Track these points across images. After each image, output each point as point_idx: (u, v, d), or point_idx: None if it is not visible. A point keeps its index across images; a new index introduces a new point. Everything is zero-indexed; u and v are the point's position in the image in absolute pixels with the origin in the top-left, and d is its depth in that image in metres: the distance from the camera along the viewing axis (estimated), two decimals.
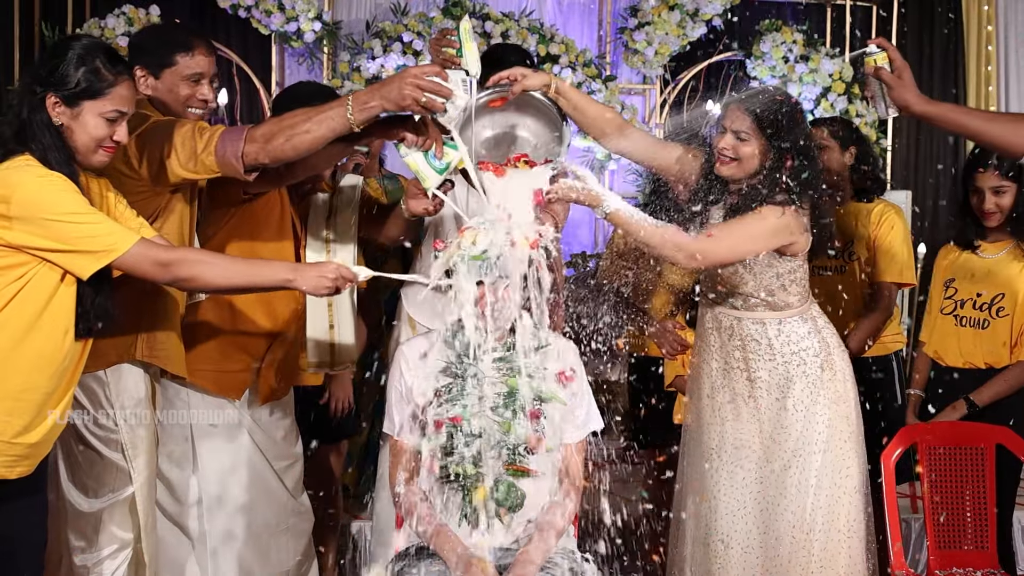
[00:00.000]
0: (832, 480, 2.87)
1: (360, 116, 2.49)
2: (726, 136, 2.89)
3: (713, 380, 3.03)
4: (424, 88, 2.47)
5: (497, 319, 2.45)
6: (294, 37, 6.17)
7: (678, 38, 6.34)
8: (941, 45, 6.88)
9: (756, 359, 2.95)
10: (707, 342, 3.06)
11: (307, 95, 2.98)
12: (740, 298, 2.97)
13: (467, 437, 2.43)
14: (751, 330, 2.97)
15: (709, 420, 3.02)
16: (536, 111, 2.83)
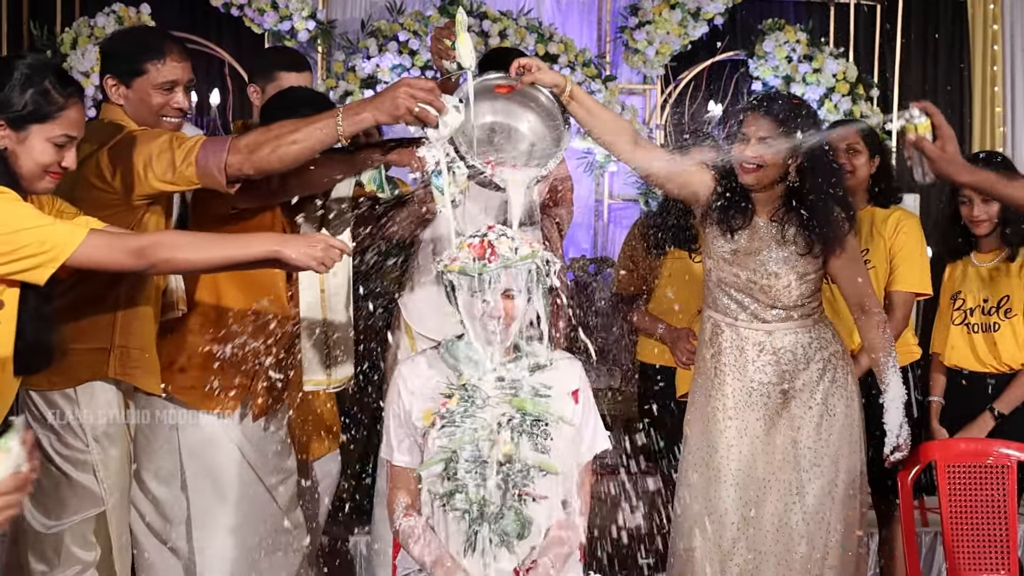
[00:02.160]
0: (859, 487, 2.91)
1: (350, 128, 2.41)
2: (750, 144, 2.82)
3: (735, 401, 2.93)
4: (418, 98, 2.36)
5: (501, 335, 2.33)
6: (287, 36, 6.05)
7: (679, 37, 6.24)
8: (946, 45, 6.77)
9: (791, 370, 2.90)
10: (725, 362, 2.96)
11: (298, 101, 2.86)
12: (777, 311, 2.91)
13: (469, 462, 2.30)
14: (785, 342, 2.92)
15: (731, 443, 2.92)
16: (541, 109, 2.72)
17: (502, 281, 2.32)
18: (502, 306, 2.33)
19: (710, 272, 2.99)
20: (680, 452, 3.66)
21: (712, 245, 2.97)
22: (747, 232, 2.93)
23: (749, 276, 2.91)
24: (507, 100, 2.69)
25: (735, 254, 2.94)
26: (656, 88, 6.49)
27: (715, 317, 3.00)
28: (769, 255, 2.90)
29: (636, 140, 2.86)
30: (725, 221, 2.92)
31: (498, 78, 2.63)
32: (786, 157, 2.82)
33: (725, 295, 2.97)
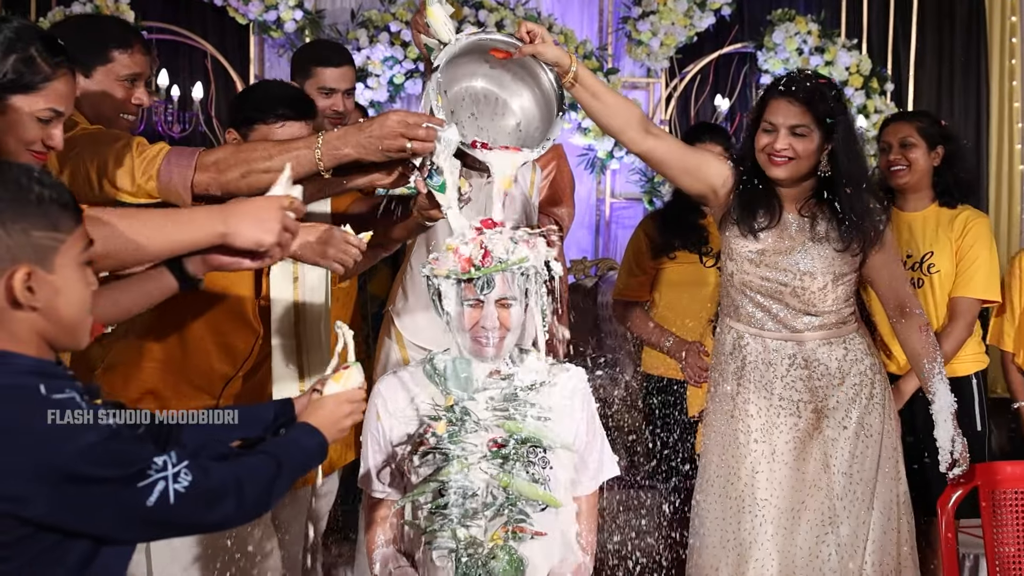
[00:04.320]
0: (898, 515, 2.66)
1: (330, 162, 2.12)
2: (780, 134, 2.55)
3: (761, 422, 2.65)
4: (410, 136, 2.08)
5: (495, 349, 2.05)
6: (274, 27, 5.85)
7: (684, 28, 6.07)
8: (962, 37, 6.57)
9: (825, 386, 2.63)
10: (750, 378, 2.68)
11: (271, 100, 2.56)
12: (810, 317, 2.65)
13: (458, 495, 2.01)
14: (819, 354, 2.65)
15: (757, 468, 2.63)
16: (538, 89, 2.44)
17: (496, 287, 2.04)
18: (496, 316, 2.04)
19: (731, 276, 2.70)
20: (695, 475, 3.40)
21: (733, 245, 2.68)
22: (775, 229, 2.65)
23: (779, 278, 2.64)
24: (504, 68, 2.42)
25: (762, 255, 2.65)
26: (660, 82, 6.29)
27: (737, 327, 2.71)
28: (802, 254, 2.63)
29: (647, 128, 2.57)
30: (749, 220, 2.63)
31: (498, 40, 2.35)
32: (819, 145, 2.56)
33: (750, 302, 2.68)
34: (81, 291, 1.52)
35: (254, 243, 1.85)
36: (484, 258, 2.03)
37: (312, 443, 1.75)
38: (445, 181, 2.15)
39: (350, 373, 1.83)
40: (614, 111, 2.52)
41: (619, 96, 2.58)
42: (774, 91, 2.59)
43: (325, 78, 3.17)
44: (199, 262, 1.95)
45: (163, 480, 1.44)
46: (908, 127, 3.37)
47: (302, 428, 1.78)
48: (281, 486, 1.63)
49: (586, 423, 2.18)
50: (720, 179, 2.66)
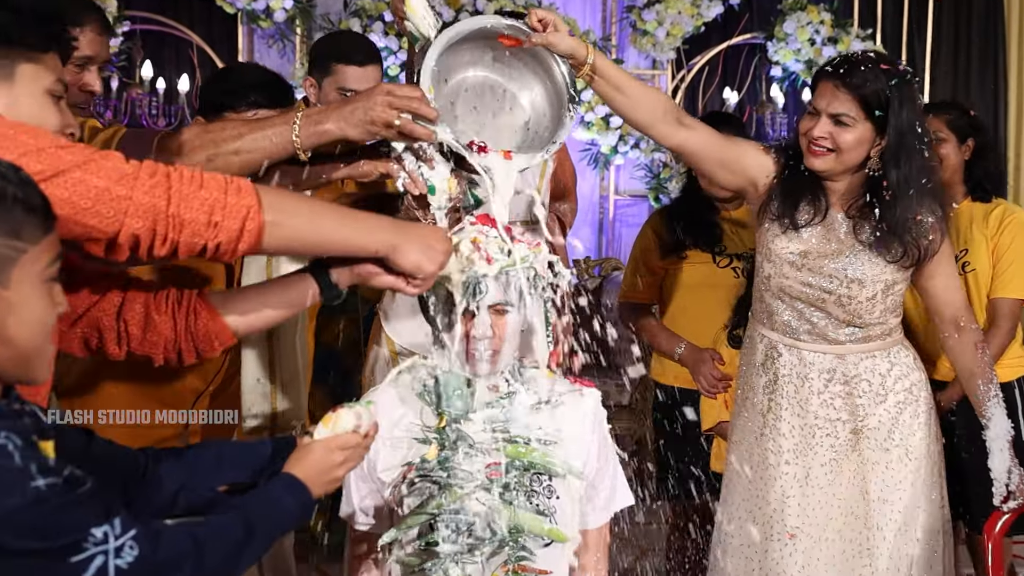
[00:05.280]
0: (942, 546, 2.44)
1: (309, 140, 1.87)
2: (820, 120, 2.33)
3: (795, 442, 2.43)
4: (400, 108, 1.83)
5: (488, 362, 1.81)
6: (263, 16, 5.63)
7: (692, 18, 5.86)
8: (979, 27, 6.37)
9: (866, 403, 2.42)
10: (783, 394, 2.45)
11: (243, 85, 2.32)
12: (853, 329, 2.43)
13: (451, 528, 1.77)
14: (861, 368, 2.43)
15: (788, 493, 2.41)
16: (550, 81, 2.16)
17: (491, 292, 1.79)
18: (489, 324, 1.80)
19: (768, 279, 2.47)
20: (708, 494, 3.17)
21: (772, 245, 2.44)
22: (820, 229, 2.41)
23: (823, 285, 2.40)
24: (513, 57, 2.14)
25: (804, 257, 2.41)
26: (667, 74, 6.08)
27: (770, 337, 2.49)
28: (851, 259, 2.39)
29: (680, 119, 2.34)
30: (790, 215, 2.39)
31: (506, 25, 2.07)
32: (868, 139, 2.33)
33: (787, 309, 2.45)
34: (40, 312, 1.27)
35: (415, 267, 1.68)
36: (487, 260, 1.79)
37: (293, 501, 1.50)
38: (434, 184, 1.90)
39: (339, 416, 1.59)
40: (641, 104, 2.29)
41: (645, 87, 2.35)
42: (823, 72, 2.36)
43: (347, 78, 2.86)
44: (347, 272, 1.71)
45: (102, 555, 1.21)
46: (936, 121, 3.14)
47: (284, 481, 1.53)
48: (251, 553, 1.39)
49: (597, 447, 1.93)
50: (761, 171, 2.45)
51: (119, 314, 1.66)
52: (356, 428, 1.59)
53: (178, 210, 1.45)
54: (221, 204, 1.48)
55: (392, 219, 1.72)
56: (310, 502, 1.53)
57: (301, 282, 1.73)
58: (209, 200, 1.47)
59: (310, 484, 1.53)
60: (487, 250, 1.79)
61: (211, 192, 1.48)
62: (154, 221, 1.44)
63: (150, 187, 1.44)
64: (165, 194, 1.45)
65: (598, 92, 2.24)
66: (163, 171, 1.46)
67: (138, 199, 1.43)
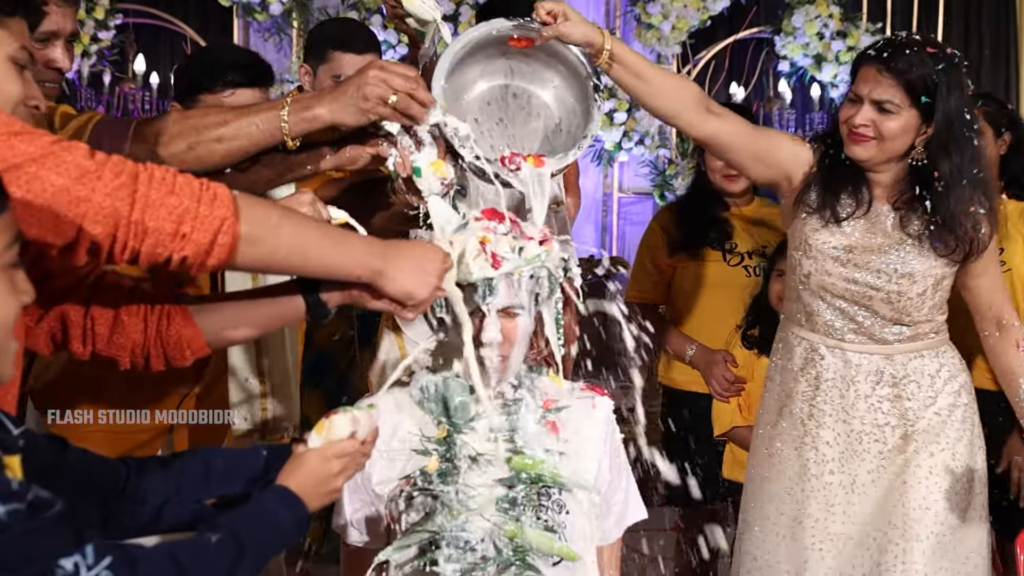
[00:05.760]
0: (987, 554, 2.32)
1: (298, 126, 1.73)
2: (863, 108, 2.20)
3: (840, 450, 2.30)
4: (395, 86, 1.70)
5: (497, 368, 1.68)
6: (258, 9, 5.57)
7: (698, 11, 5.79)
8: (990, 23, 6.32)
9: (915, 406, 2.28)
10: (825, 399, 2.32)
11: (221, 66, 2.20)
12: (901, 327, 2.30)
13: (453, 547, 1.64)
14: (909, 369, 2.30)
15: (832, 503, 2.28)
16: (570, 71, 2.03)
17: (500, 294, 1.66)
18: (500, 329, 1.67)
19: (807, 277, 2.32)
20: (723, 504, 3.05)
21: (811, 239, 2.30)
22: (863, 222, 2.28)
23: (869, 281, 2.27)
24: (528, 58, 2.01)
25: (849, 251, 2.27)
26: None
27: (810, 338, 2.35)
28: (899, 252, 2.27)
29: (709, 107, 2.20)
30: (831, 206, 2.25)
31: (513, 26, 1.95)
32: (913, 127, 2.21)
33: (828, 308, 2.31)
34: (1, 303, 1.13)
35: (404, 295, 1.54)
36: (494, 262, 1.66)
37: (287, 516, 1.37)
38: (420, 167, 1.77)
39: (333, 422, 1.45)
40: (665, 92, 2.15)
41: (668, 74, 2.25)
42: (866, 56, 2.23)
43: (343, 65, 2.74)
44: (337, 292, 1.59)
45: None
46: None
47: (277, 494, 1.39)
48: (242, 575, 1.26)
49: (610, 458, 1.80)
50: (797, 163, 2.31)
51: (87, 311, 1.52)
52: (352, 434, 1.46)
53: (142, 216, 1.30)
54: (192, 214, 1.33)
55: (378, 241, 1.58)
56: (306, 516, 1.40)
57: (287, 298, 1.60)
58: (179, 208, 1.32)
59: (305, 497, 1.40)
60: (495, 251, 1.66)
61: (182, 199, 1.33)
62: (115, 227, 1.29)
63: (113, 188, 1.29)
64: (129, 197, 1.29)
65: (617, 81, 2.09)
66: (130, 170, 1.31)
67: (98, 202, 1.28)
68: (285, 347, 2.34)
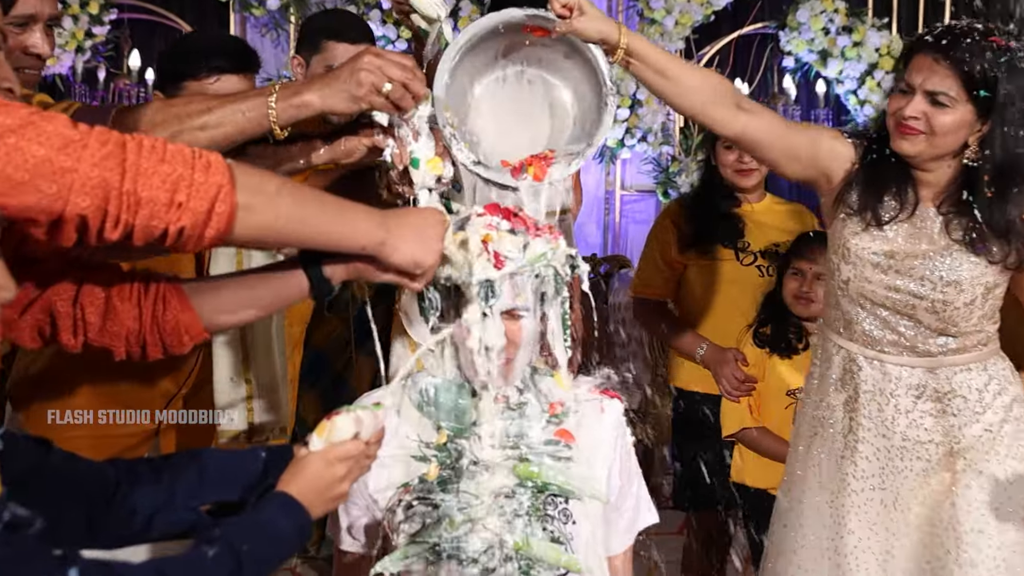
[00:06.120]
0: None
1: (287, 114, 1.64)
2: (914, 99, 2.04)
3: (879, 466, 2.17)
4: (389, 74, 1.62)
5: (500, 373, 1.59)
6: (256, 3, 5.44)
7: (701, 6, 5.67)
8: (999, 20, 6.10)
9: (961, 422, 2.13)
10: (864, 413, 2.18)
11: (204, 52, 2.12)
12: (947, 339, 2.15)
13: (454, 558, 1.56)
14: (955, 383, 2.15)
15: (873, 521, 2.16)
16: (588, 66, 1.91)
17: (504, 295, 1.58)
18: (503, 331, 1.58)
19: (846, 284, 2.19)
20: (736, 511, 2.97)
21: (851, 244, 2.16)
22: (907, 226, 2.14)
23: (912, 289, 2.13)
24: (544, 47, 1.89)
25: (891, 258, 2.14)
26: None
27: (849, 348, 2.22)
28: (945, 259, 2.12)
29: (738, 102, 2.07)
30: (873, 208, 2.12)
31: (527, 16, 1.83)
32: (968, 123, 2.05)
33: (869, 316, 2.18)
34: None
35: (410, 263, 1.48)
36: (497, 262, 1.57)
37: (288, 525, 1.29)
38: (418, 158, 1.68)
39: (335, 423, 1.38)
40: (689, 88, 2.02)
41: (693, 68, 2.13)
42: (920, 43, 2.07)
43: (337, 55, 2.67)
44: (341, 266, 1.49)
45: None
46: None
47: (277, 502, 1.31)
48: None
49: (620, 463, 1.72)
50: (836, 160, 2.17)
51: (76, 299, 1.42)
52: (356, 435, 1.39)
53: (134, 186, 1.20)
54: (187, 181, 1.23)
55: (377, 210, 1.50)
56: (308, 523, 1.33)
57: (288, 275, 1.51)
58: (172, 176, 1.23)
59: (307, 503, 1.32)
60: (498, 250, 1.57)
61: (175, 167, 1.23)
62: (105, 199, 1.19)
63: (101, 158, 1.19)
64: (119, 167, 1.20)
65: (638, 77, 1.98)
66: (117, 139, 1.22)
67: (86, 172, 1.18)
68: (272, 348, 2.27)
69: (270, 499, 1.33)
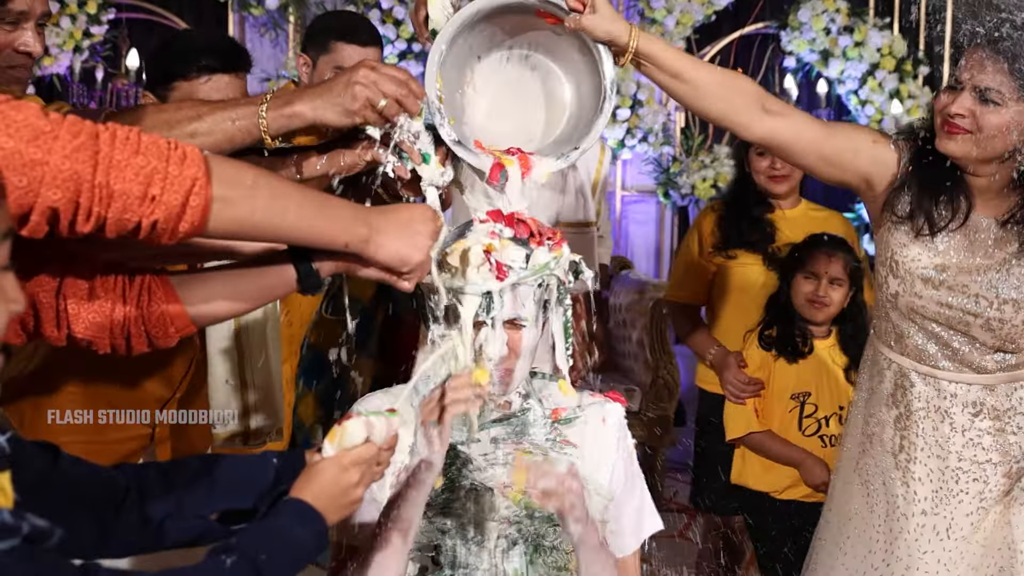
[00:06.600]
0: None
1: (277, 123, 1.60)
2: (963, 95, 1.89)
3: (934, 487, 2.04)
4: (384, 89, 1.58)
5: (501, 382, 1.57)
6: (254, 3, 5.47)
7: (702, 6, 5.69)
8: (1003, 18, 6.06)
9: (1020, 441, 2.00)
10: (917, 431, 2.05)
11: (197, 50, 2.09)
12: (1005, 355, 2.01)
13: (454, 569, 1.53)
14: (1014, 400, 2.01)
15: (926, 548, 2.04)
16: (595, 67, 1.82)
17: (507, 306, 1.55)
18: (505, 341, 1.55)
19: (895, 297, 2.05)
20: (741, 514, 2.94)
21: (900, 256, 2.03)
22: (959, 237, 1.99)
23: (966, 306, 1.99)
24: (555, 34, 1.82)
25: (942, 271, 1.99)
26: None
27: (901, 362, 2.08)
28: (1003, 274, 1.97)
29: (764, 105, 1.92)
30: (923, 216, 1.97)
31: (543, 1, 1.74)
32: (1018, 126, 1.88)
33: (919, 331, 2.04)
34: None
35: (397, 260, 1.43)
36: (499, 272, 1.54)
37: (305, 532, 1.26)
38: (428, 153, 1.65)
39: (345, 428, 1.35)
40: (710, 93, 1.87)
41: (712, 69, 1.93)
42: (975, 37, 1.90)
43: (345, 56, 2.66)
44: (329, 261, 1.46)
45: None
46: None
47: (293, 509, 1.28)
48: None
49: (624, 464, 1.69)
50: (877, 165, 2.01)
51: (59, 290, 1.38)
52: (367, 440, 1.37)
53: (107, 179, 1.18)
54: (161, 174, 1.21)
55: (366, 207, 1.46)
56: (324, 530, 1.29)
57: (277, 267, 1.47)
58: (146, 168, 1.20)
59: (323, 509, 1.29)
60: (500, 259, 1.54)
61: (149, 159, 1.21)
62: (76, 192, 1.17)
63: (72, 149, 1.16)
64: (91, 159, 1.17)
65: (653, 80, 1.86)
66: (90, 130, 1.19)
67: (56, 164, 1.15)
68: (268, 350, 2.24)
69: (285, 506, 1.30)
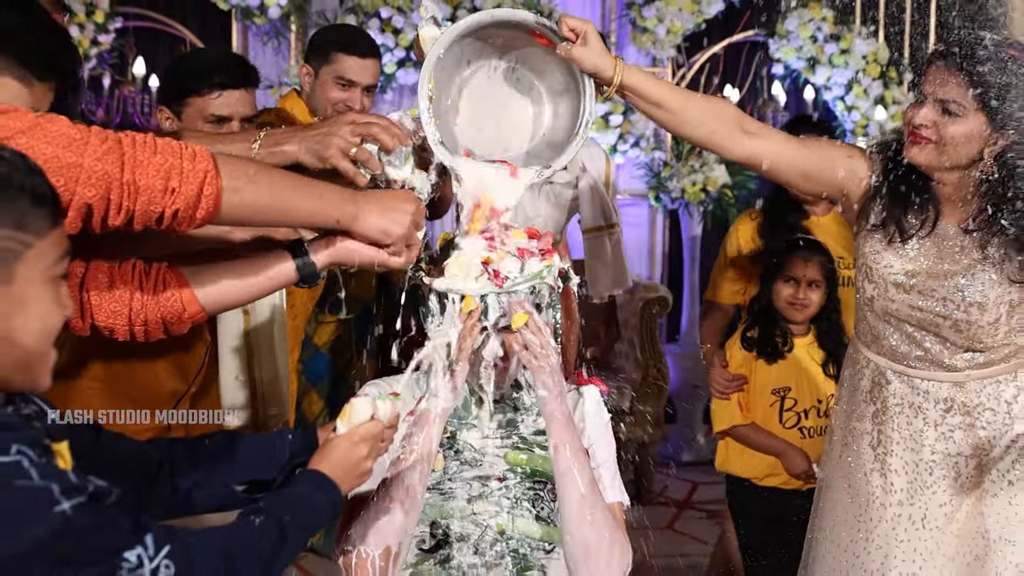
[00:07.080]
0: None
1: (268, 160, 1.78)
2: (925, 107, 1.99)
3: (908, 480, 2.13)
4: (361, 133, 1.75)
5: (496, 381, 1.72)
6: (257, 12, 5.48)
7: (692, 15, 5.72)
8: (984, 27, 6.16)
9: (991, 435, 2.08)
10: (892, 426, 2.15)
11: (204, 68, 2.22)
12: (973, 354, 2.10)
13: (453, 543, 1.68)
14: (983, 396, 2.09)
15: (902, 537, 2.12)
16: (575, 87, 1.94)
17: (501, 311, 1.69)
18: (499, 344, 1.70)
19: (871, 301, 2.15)
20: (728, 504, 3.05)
21: (873, 263, 2.13)
22: (928, 244, 2.08)
23: (936, 309, 2.08)
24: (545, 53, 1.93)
25: (912, 277, 2.08)
26: (667, 71, 5.92)
27: (877, 361, 2.18)
28: (968, 279, 2.05)
29: (743, 127, 2.04)
30: (893, 224, 2.07)
31: (539, 23, 1.88)
32: (981, 135, 1.97)
33: (895, 332, 2.14)
34: (46, 315, 1.17)
35: (380, 232, 1.60)
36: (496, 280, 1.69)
37: (323, 499, 1.42)
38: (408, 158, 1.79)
39: (353, 406, 1.52)
40: (690, 120, 2.00)
41: (693, 98, 2.04)
42: (936, 52, 2.02)
43: (345, 67, 2.82)
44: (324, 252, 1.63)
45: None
46: None
47: (312, 478, 1.44)
48: (284, 557, 1.31)
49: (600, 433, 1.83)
50: (851, 178, 2.12)
51: (82, 284, 1.56)
52: (372, 417, 1.53)
53: (133, 176, 1.37)
54: (178, 169, 1.40)
55: (349, 189, 1.63)
56: (339, 500, 1.46)
57: (277, 259, 1.65)
58: (165, 165, 1.40)
59: (338, 480, 1.46)
60: (498, 269, 1.69)
61: (166, 157, 1.40)
62: (107, 189, 1.36)
63: (102, 153, 1.36)
64: (118, 160, 1.36)
65: (638, 109, 2.00)
66: (114, 136, 1.39)
67: (89, 166, 1.34)
68: (275, 346, 2.37)
69: (305, 476, 1.46)
